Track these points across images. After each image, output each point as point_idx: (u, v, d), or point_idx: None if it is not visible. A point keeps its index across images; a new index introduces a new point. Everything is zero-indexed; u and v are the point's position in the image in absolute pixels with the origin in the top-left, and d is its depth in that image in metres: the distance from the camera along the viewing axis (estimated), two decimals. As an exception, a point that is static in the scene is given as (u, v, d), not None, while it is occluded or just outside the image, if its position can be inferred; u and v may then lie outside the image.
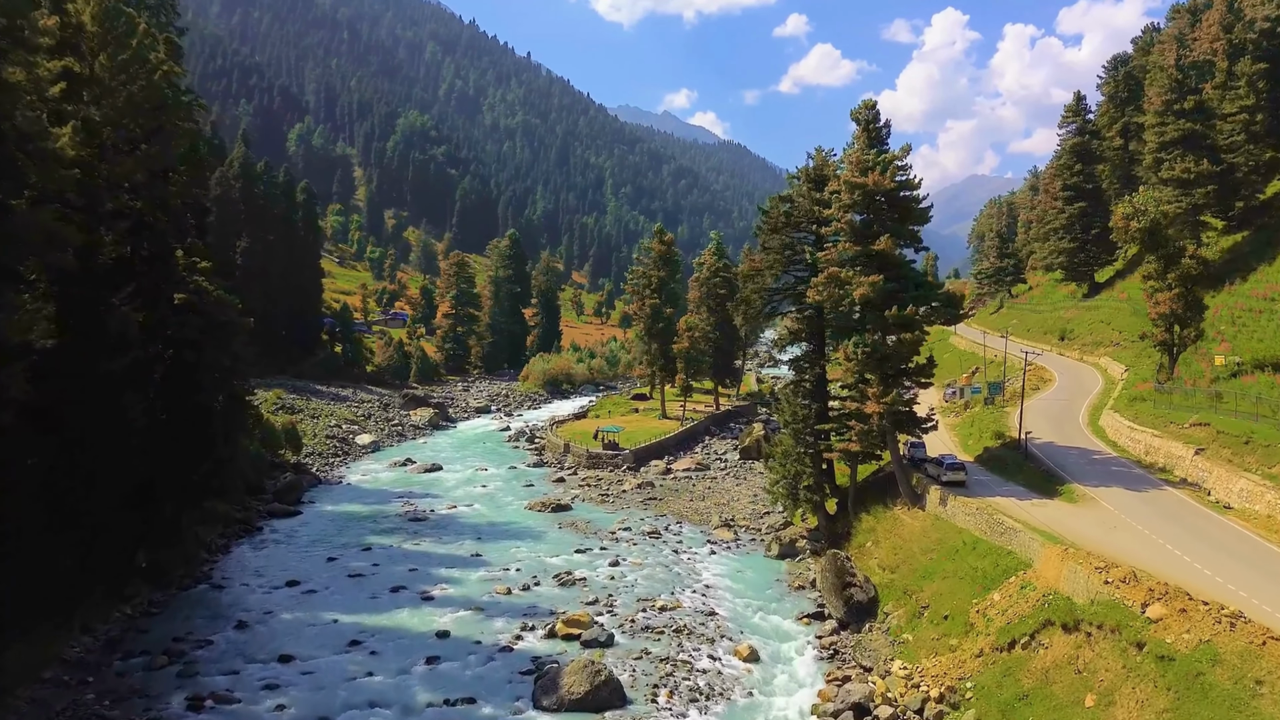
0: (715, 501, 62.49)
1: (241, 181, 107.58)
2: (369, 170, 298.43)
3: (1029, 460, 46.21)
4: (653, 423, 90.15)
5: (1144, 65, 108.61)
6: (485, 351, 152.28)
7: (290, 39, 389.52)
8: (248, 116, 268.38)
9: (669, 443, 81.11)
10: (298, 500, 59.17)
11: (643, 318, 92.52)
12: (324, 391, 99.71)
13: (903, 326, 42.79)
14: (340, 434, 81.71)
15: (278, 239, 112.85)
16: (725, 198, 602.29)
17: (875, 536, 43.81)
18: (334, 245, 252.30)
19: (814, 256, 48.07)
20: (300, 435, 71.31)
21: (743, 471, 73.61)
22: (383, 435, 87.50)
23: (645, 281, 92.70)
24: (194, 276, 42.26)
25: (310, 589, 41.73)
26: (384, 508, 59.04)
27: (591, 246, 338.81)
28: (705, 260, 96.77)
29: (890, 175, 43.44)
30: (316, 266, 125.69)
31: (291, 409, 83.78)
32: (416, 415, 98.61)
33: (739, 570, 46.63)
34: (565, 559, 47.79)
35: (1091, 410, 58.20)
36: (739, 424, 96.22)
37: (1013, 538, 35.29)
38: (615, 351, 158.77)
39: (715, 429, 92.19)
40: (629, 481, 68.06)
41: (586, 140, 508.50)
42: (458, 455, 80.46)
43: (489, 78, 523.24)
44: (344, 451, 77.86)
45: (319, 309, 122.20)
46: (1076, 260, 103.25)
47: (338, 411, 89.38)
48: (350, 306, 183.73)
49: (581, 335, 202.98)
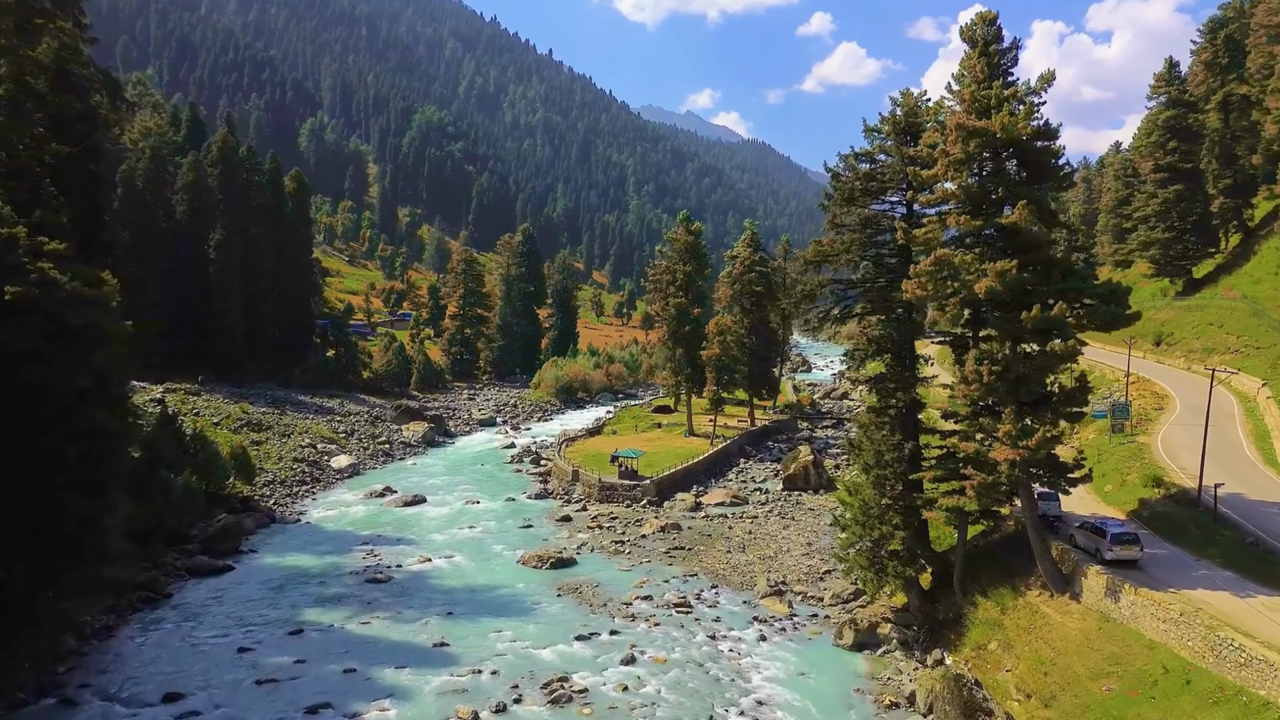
0: (759, 553, 49.38)
1: (221, 168, 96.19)
2: (383, 166, 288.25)
3: (1219, 522, 32.73)
4: (678, 441, 77.27)
5: (1244, 27, 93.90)
6: (495, 356, 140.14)
7: (307, 35, 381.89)
8: (258, 111, 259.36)
9: (698, 468, 68.13)
10: (235, 550, 47.04)
11: (666, 319, 79.46)
12: (307, 403, 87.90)
13: (1044, 333, 29.61)
14: (312, 456, 69.69)
15: (264, 232, 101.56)
16: (750, 196, 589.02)
17: (1003, 636, 30.54)
18: (344, 243, 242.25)
19: (902, 238, 34.83)
20: (253, 462, 59.09)
21: (789, 508, 60.45)
22: (365, 456, 75.43)
23: (669, 277, 79.71)
24: (39, 263, 30.03)
25: (192, 710, 29.34)
26: (341, 560, 46.74)
27: (613, 245, 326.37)
28: (738, 253, 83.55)
29: (1024, 117, 30.24)
30: (309, 263, 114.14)
31: (259, 425, 71.97)
32: (409, 430, 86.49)
33: (801, 674, 33.53)
34: (561, 651, 35.01)
35: (1257, 439, 44.39)
36: (778, 443, 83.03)
37: (1262, 674, 21.98)
38: (636, 356, 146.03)
39: (751, 449, 79.03)
40: (650, 522, 55.16)
41: (608, 137, 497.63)
42: (447, 482, 68.13)
43: (509, 75, 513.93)
44: (314, 478, 65.81)
45: (313, 310, 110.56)
46: (1172, 253, 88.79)
47: (315, 428, 77.44)
48: (355, 307, 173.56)
49: (601, 337, 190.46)
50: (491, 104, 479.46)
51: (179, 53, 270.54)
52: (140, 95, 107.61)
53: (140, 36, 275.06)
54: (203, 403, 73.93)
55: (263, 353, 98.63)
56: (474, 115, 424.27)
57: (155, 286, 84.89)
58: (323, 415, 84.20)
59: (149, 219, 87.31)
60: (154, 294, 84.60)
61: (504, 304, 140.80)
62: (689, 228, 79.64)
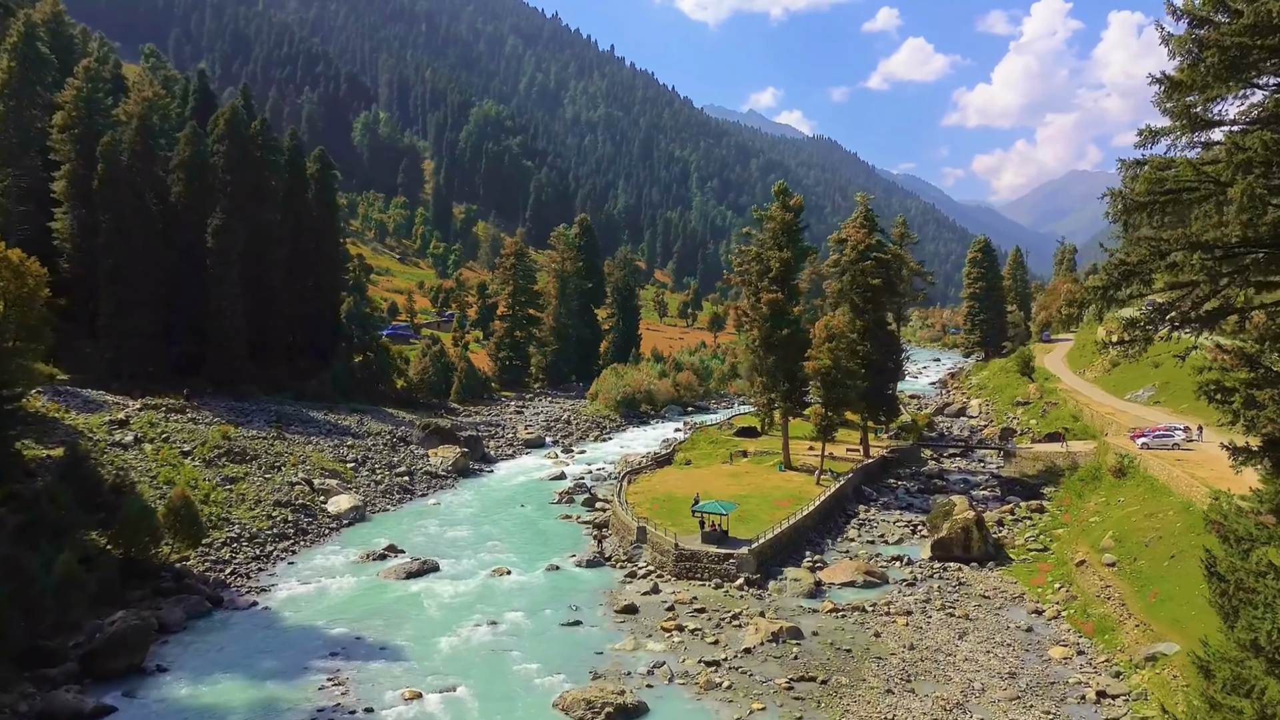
0: (938, 693, 30.86)
1: (227, 144, 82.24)
2: (439, 161, 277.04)
3: None
4: (772, 478, 59.21)
5: None
6: (547, 361, 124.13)
7: (365, 31, 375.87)
8: (310, 104, 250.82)
9: (807, 524, 49.82)
10: (135, 668, 31.12)
11: (756, 320, 61.30)
12: (318, 421, 72.89)
13: None
14: (303, 498, 53.94)
15: (281, 220, 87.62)
16: (817, 193, 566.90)
17: None
18: (396, 240, 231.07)
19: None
20: (200, 517, 42.91)
21: (951, 591, 41.70)
22: (376, 493, 59.61)
23: (760, 266, 61.56)
24: None
25: None
26: (286, 692, 30.36)
27: (676, 243, 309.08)
28: (849, 235, 64.72)
29: None
30: (336, 256, 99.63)
31: (243, 455, 56.74)
32: (437, 457, 70.57)
33: None
34: None
35: None
36: (904, 480, 64.16)
37: None
38: (706, 362, 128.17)
39: (871, 490, 60.42)
40: (755, 622, 37.06)
41: (671, 133, 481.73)
42: (473, 535, 51.60)
43: (571, 71, 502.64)
44: (300, 529, 50.04)
45: (339, 310, 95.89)
46: None
47: (316, 456, 61.94)
48: (399, 307, 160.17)
49: (664, 340, 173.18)
50: (552, 100, 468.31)
51: (233, 46, 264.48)
52: (153, 68, 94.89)
53: (195, 31, 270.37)
54: (179, 424, 59.26)
55: (274, 359, 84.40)
56: (534, 111, 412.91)
57: (143, 281, 71.34)
58: (333, 437, 68.91)
59: (137, 202, 73.59)
60: (141, 290, 71.16)
61: (559, 303, 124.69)
62: (787, 201, 61.29)
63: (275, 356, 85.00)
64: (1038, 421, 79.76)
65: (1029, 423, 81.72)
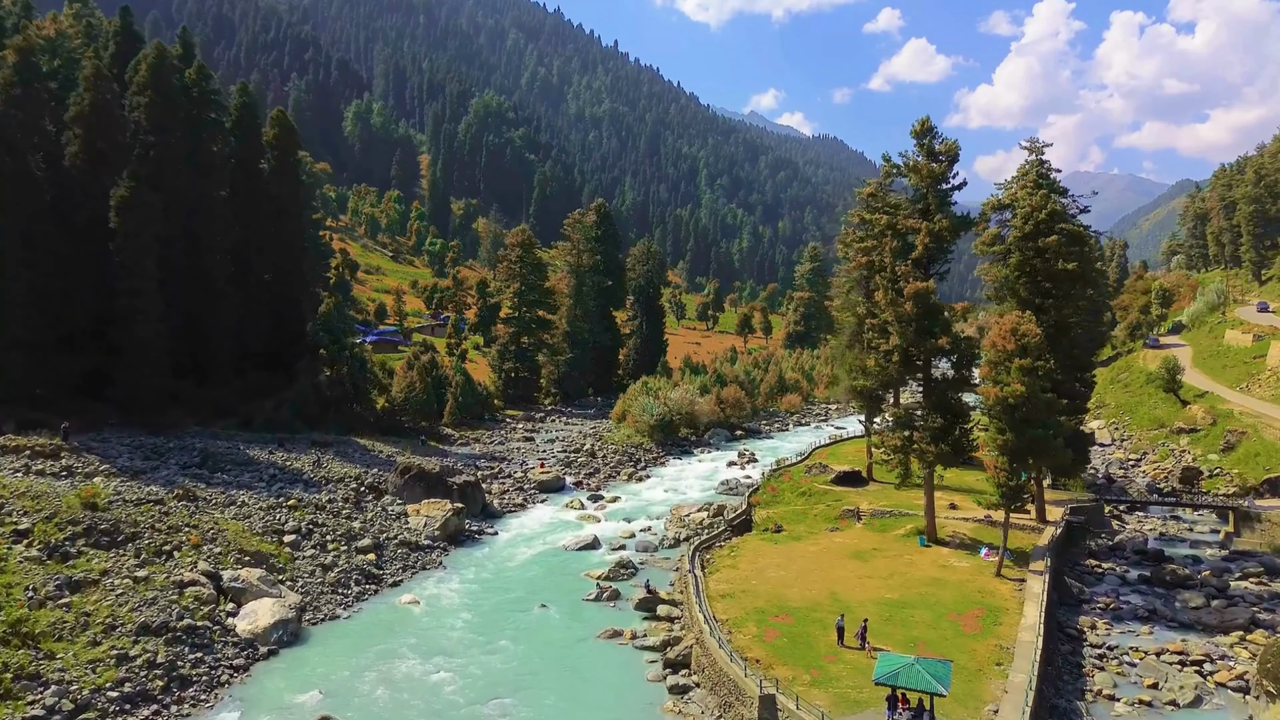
0: None
1: (150, 95, 62.35)
2: (436, 153, 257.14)
3: None
4: (918, 562, 39.21)
5: None
6: (560, 373, 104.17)
7: (360, 21, 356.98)
8: (298, 91, 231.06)
9: (1039, 679, 29.56)
10: None
11: (892, 322, 41.03)
12: (258, 464, 52.73)
13: None
14: (195, 611, 33.75)
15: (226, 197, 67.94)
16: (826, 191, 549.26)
17: None
18: (390, 237, 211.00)
19: None
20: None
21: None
22: (321, 588, 39.34)
23: (896, 243, 41.25)
24: None
25: None
26: None
27: (687, 241, 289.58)
28: (1015, 197, 44.69)
29: None
30: (300, 247, 79.54)
31: (112, 534, 36.50)
32: (419, 516, 50.23)
33: None
34: None
35: None
36: (1105, 559, 43.92)
37: None
38: (750, 372, 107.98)
39: (1075, 583, 40.07)
40: None
41: (678, 129, 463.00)
42: (468, 684, 31.58)
43: (574, 65, 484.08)
44: (176, 680, 29.89)
45: (305, 314, 75.50)
46: None
47: (234, 529, 41.51)
48: (387, 308, 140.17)
49: (686, 345, 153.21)
50: (555, 95, 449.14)
51: (215, 29, 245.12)
52: (77, 15, 75.00)
53: (176, 15, 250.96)
54: (31, 481, 39.14)
55: (218, 377, 64.58)
56: (536, 105, 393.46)
57: (23, 272, 51.60)
58: (273, 491, 48.66)
59: (16, 165, 53.57)
60: (19, 283, 51.35)
61: (574, 303, 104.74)
62: (933, 146, 41.07)
63: (219, 373, 65.09)
64: (1224, 458, 59.58)
65: (1208, 457, 61.58)
